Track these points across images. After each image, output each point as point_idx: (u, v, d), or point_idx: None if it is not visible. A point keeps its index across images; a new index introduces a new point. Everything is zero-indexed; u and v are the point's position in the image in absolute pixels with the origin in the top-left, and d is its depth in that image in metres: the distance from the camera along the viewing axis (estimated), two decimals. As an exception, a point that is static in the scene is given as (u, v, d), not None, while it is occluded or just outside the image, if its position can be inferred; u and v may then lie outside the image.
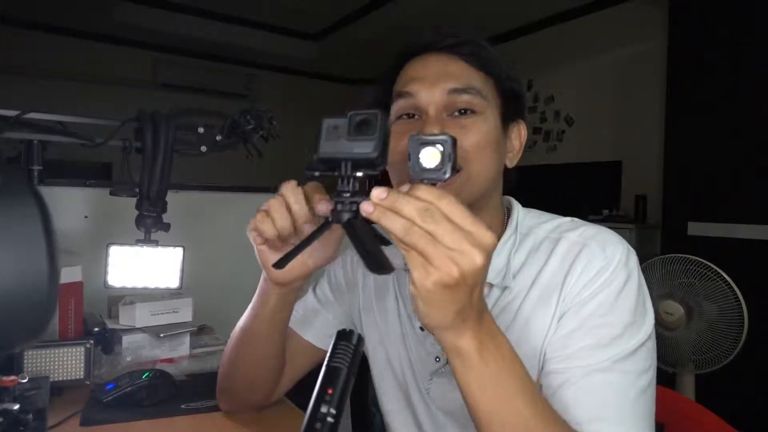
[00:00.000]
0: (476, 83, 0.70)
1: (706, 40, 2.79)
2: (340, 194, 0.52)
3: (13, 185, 0.30)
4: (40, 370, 0.94)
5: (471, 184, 0.69)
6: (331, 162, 0.52)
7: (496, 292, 0.72)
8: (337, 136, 0.52)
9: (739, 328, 1.92)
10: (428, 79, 0.70)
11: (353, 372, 0.46)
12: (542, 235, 0.74)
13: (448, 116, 0.69)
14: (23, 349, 0.90)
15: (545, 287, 0.69)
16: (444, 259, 0.47)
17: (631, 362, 0.63)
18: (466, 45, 0.71)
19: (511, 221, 0.76)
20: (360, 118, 0.51)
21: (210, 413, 0.93)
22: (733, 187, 2.67)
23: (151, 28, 4.55)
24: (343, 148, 0.51)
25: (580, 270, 0.67)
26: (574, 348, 0.65)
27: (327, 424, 0.42)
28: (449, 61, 0.71)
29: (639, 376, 0.64)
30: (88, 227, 1.53)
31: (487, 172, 0.70)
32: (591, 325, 0.65)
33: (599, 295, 0.66)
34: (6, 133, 0.91)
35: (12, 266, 0.28)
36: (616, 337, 0.64)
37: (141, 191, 0.95)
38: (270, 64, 5.60)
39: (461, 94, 0.69)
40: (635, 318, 0.65)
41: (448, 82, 0.69)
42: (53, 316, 0.33)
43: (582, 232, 0.71)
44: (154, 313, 1.20)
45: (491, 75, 0.72)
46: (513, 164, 0.77)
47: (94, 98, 4.55)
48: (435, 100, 0.69)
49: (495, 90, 0.72)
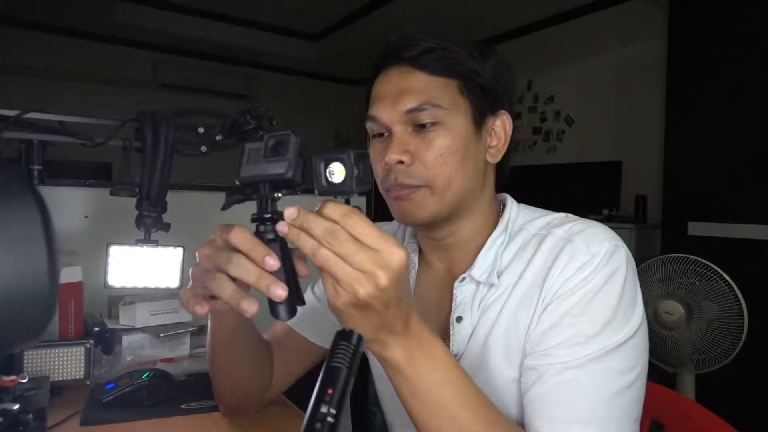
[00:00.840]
0: (434, 95, 0.70)
1: (706, 40, 2.79)
2: (261, 216, 0.53)
3: (14, 185, 0.30)
4: (40, 370, 0.94)
5: (438, 198, 0.70)
6: (252, 185, 0.53)
7: (483, 289, 0.73)
8: (257, 159, 0.53)
9: (739, 328, 1.92)
10: (388, 99, 0.71)
11: (353, 372, 0.46)
12: (532, 232, 0.74)
13: (412, 130, 0.71)
14: (23, 349, 0.90)
15: (529, 284, 0.69)
16: (349, 282, 0.48)
17: (611, 360, 0.62)
18: (425, 54, 0.71)
19: (502, 219, 0.77)
20: (274, 140, 0.52)
21: (210, 413, 0.93)
22: (733, 187, 2.67)
23: (151, 28, 4.54)
24: (260, 171, 0.52)
25: (562, 266, 0.67)
26: (549, 344, 0.64)
27: (327, 424, 0.42)
28: (408, 75, 0.71)
29: (619, 375, 0.62)
30: (88, 227, 1.53)
31: (455, 182, 0.71)
32: (568, 322, 0.64)
33: (579, 291, 0.65)
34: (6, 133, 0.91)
35: (12, 266, 0.28)
36: (593, 335, 0.63)
37: (141, 191, 0.95)
38: (270, 64, 5.60)
39: (418, 112, 0.69)
40: (616, 315, 0.64)
41: (405, 102, 0.70)
42: (53, 316, 0.33)
43: (569, 228, 0.71)
44: (154, 313, 1.20)
45: (455, 77, 0.71)
46: (497, 159, 0.76)
47: (94, 98, 4.55)
48: (395, 119, 0.71)
49: (461, 92, 0.72)
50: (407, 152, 0.70)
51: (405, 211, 0.72)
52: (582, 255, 0.66)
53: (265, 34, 4.96)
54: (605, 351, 0.62)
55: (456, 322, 0.73)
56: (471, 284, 0.74)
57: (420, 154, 0.70)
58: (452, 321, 0.74)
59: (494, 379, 0.69)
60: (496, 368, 0.69)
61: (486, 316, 0.71)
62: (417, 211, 0.71)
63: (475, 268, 0.73)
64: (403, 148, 0.70)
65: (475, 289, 0.73)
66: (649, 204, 3.44)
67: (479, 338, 0.71)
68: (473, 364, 0.71)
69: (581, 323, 0.64)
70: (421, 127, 0.70)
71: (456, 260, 0.78)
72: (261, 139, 0.54)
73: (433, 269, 0.81)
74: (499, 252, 0.73)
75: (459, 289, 0.74)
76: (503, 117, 0.76)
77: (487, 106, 0.74)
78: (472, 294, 0.73)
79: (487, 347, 0.70)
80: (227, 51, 5.16)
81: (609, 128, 3.91)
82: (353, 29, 4.70)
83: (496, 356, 0.69)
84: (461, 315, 0.73)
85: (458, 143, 0.70)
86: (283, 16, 4.63)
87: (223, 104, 5.09)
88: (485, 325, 0.71)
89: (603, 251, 0.66)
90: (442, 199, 0.71)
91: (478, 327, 0.72)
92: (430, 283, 0.81)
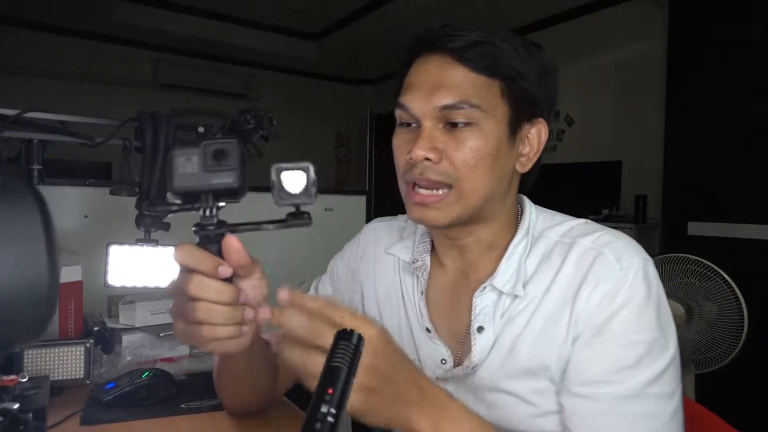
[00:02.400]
0: (473, 94, 0.66)
1: (706, 40, 2.79)
2: (204, 227, 0.52)
3: (13, 185, 0.30)
4: (40, 369, 0.94)
5: (463, 202, 0.68)
6: (190, 195, 0.51)
7: (506, 300, 0.70)
8: (193, 167, 0.50)
9: (739, 328, 1.91)
10: (423, 90, 0.68)
11: (353, 372, 0.46)
12: (554, 239, 0.71)
13: (443, 126, 0.67)
14: (23, 348, 0.90)
15: (558, 298, 0.67)
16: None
17: (660, 385, 0.61)
18: (470, 48, 0.67)
19: (522, 223, 0.74)
20: (215, 148, 0.50)
21: (210, 413, 0.93)
22: (733, 187, 2.67)
23: (151, 28, 4.54)
24: (202, 180, 0.50)
25: (594, 282, 0.64)
26: (597, 370, 0.62)
27: (327, 424, 0.42)
28: (449, 67, 0.67)
29: (669, 399, 0.62)
30: (88, 227, 1.53)
31: (481, 188, 0.68)
32: (616, 344, 0.62)
33: (621, 311, 0.62)
34: (6, 132, 0.91)
35: (12, 266, 0.28)
36: (642, 356, 0.61)
37: (141, 191, 0.95)
38: (270, 64, 5.60)
39: (453, 110, 0.66)
40: (660, 333, 0.63)
41: (442, 97, 0.66)
42: (53, 315, 0.33)
43: (596, 238, 0.68)
44: (154, 313, 1.20)
45: (498, 78, 0.67)
46: (526, 168, 0.73)
47: (94, 98, 4.54)
48: (428, 113, 0.67)
49: (502, 94, 0.68)
50: (435, 149, 0.66)
51: (422, 215, 0.69)
52: (614, 270, 0.64)
53: (265, 34, 4.96)
54: (656, 374, 0.61)
55: (477, 333, 0.70)
56: (492, 293, 0.71)
57: (449, 153, 0.66)
58: (473, 331, 0.71)
59: (515, 391, 0.68)
60: (518, 380, 0.68)
61: (510, 327, 0.69)
62: (436, 216, 0.68)
63: (497, 277, 0.70)
64: (432, 145, 0.66)
65: (497, 298, 0.70)
66: (649, 204, 3.44)
67: (502, 349, 0.69)
68: (492, 374, 0.69)
69: (629, 345, 0.62)
70: (454, 125, 0.67)
71: (471, 263, 0.75)
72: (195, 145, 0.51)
73: (446, 270, 0.78)
74: (522, 260, 0.70)
75: (479, 297, 0.71)
76: (540, 125, 0.72)
77: (526, 113, 0.70)
78: (494, 303, 0.70)
79: (511, 358, 0.68)
80: (227, 51, 5.16)
81: (609, 128, 3.91)
82: (353, 29, 4.69)
83: (520, 368, 0.68)
84: (482, 325, 0.70)
85: (490, 148, 0.67)
86: (283, 16, 4.63)
87: (223, 104, 5.08)
88: (509, 337, 0.69)
89: (635, 266, 0.64)
90: (466, 204, 0.68)
91: (502, 338, 0.69)
92: (443, 285, 0.78)
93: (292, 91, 5.77)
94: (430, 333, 0.75)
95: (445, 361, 0.74)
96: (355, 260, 0.89)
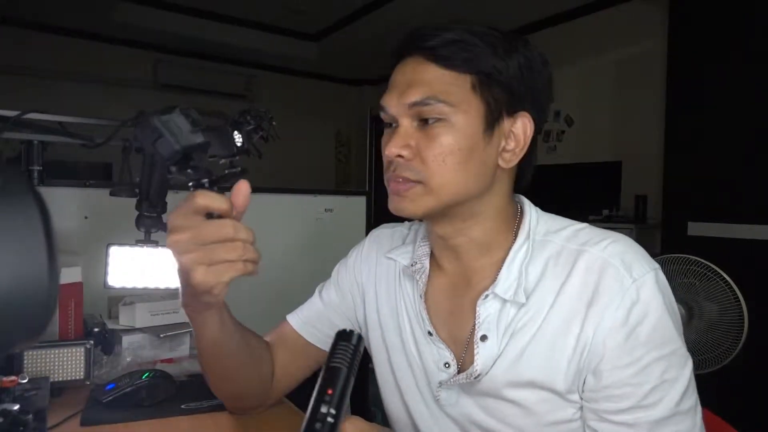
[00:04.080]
0: (441, 89, 0.66)
1: (706, 40, 2.79)
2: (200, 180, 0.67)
3: (13, 185, 0.30)
4: (40, 370, 0.94)
5: (433, 197, 0.68)
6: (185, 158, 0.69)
7: (511, 310, 0.69)
8: (180, 131, 0.69)
9: (739, 328, 1.91)
10: (397, 90, 0.70)
11: (353, 372, 0.46)
12: (559, 244, 0.70)
13: (417, 124, 0.69)
14: (23, 349, 0.90)
15: (567, 311, 0.66)
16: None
17: (688, 396, 0.63)
18: (444, 46, 0.67)
19: (522, 227, 0.72)
20: (192, 117, 0.71)
21: (210, 413, 0.93)
22: (733, 187, 2.67)
23: (151, 28, 4.54)
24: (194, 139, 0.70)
25: (606, 299, 0.63)
26: (628, 394, 0.63)
27: (327, 424, 0.42)
28: (422, 67, 0.68)
29: (696, 408, 0.64)
30: (88, 227, 1.53)
31: (453, 183, 0.68)
32: (640, 366, 0.62)
33: (638, 328, 0.63)
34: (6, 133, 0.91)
35: (12, 266, 0.28)
36: (666, 371, 0.62)
37: (141, 191, 0.94)
38: (270, 65, 5.60)
39: (421, 106, 0.67)
40: (680, 341, 0.64)
41: (410, 95, 0.68)
42: (53, 316, 0.33)
43: (605, 247, 0.67)
44: (154, 314, 1.20)
45: (470, 72, 0.67)
46: (510, 164, 0.71)
47: (94, 98, 4.54)
48: (402, 112, 0.69)
49: (474, 88, 0.67)
50: (408, 146, 0.68)
51: (398, 205, 0.70)
52: (626, 284, 0.63)
53: (265, 34, 4.96)
54: (682, 389, 0.63)
55: (480, 341, 0.70)
56: (495, 302, 0.70)
57: (421, 150, 0.68)
58: (476, 339, 0.70)
59: (518, 400, 0.68)
60: (523, 389, 0.67)
61: (517, 338, 0.68)
62: (409, 207, 0.69)
63: (498, 284, 0.69)
64: (404, 142, 0.68)
65: (501, 307, 0.69)
66: (649, 204, 3.44)
67: (507, 361, 0.68)
68: (496, 384, 0.69)
69: (653, 363, 0.62)
70: (425, 122, 0.68)
71: (470, 266, 0.74)
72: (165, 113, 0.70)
73: (446, 274, 0.77)
74: (523, 265, 0.69)
75: (482, 306, 0.70)
76: (524, 119, 0.70)
77: (504, 107, 0.69)
78: (497, 312, 0.69)
79: (516, 370, 0.68)
80: (227, 51, 5.16)
81: (609, 128, 3.91)
82: (353, 29, 4.70)
83: (525, 379, 0.67)
84: (486, 334, 0.69)
85: (461, 143, 0.67)
86: (283, 16, 4.63)
87: (223, 104, 5.08)
88: (516, 349, 0.68)
89: (647, 277, 0.64)
90: (437, 199, 0.68)
91: (507, 350, 0.68)
92: (443, 289, 0.77)
93: (292, 91, 5.77)
94: (431, 336, 0.75)
95: (448, 364, 0.73)
96: (358, 266, 0.90)
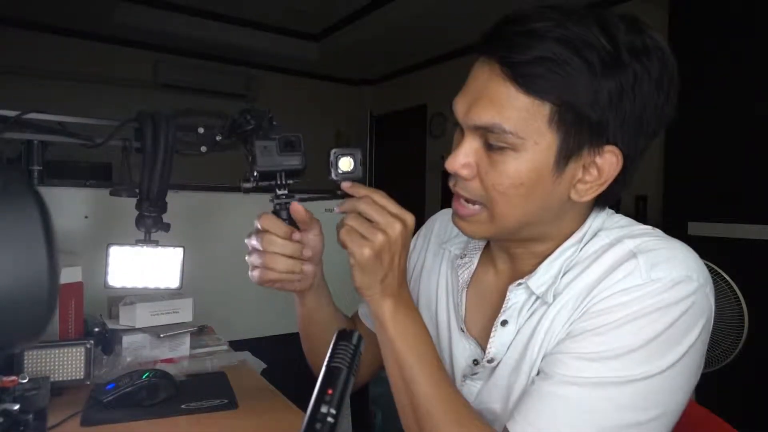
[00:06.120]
0: (511, 117, 0.58)
1: (706, 40, 2.79)
2: (279, 196, 0.72)
3: (14, 185, 0.30)
4: (40, 370, 0.94)
5: (497, 223, 0.65)
6: (267, 174, 0.71)
7: (536, 303, 0.67)
8: (269, 154, 0.71)
9: (739, 328, 1.92)
10: (467, 98, 0.62)
11: (353, 372, 0.46)
12: (606, 242, 0.66)
13: (483, 143, 0.62)
14: (23, 349, 0.90)
15: (574, 295, 0.64)
16: (380, 223, 0.63)
17: (619, 392, 0.57)
18: (528, 65, 0.57)
19: (581, 228, 0.68)
20: (286, 140, 0.72)
21: (210, 413, 0.93)
22: (733, 187, 2.67)
23: (151, 28, 4.54)
24: (276, 162, 0.71)
25: (612, 282, 0.60)
26: (563, 351, 0.61)
27: (327, 424, 0.42)
28: (496, 80, 0.59)
29: (623, 410, 0.57)
30: (88, 227, 1.53)
31: (514, 215, 0.64)
32: (591, 337, 0.59)
33: (617, 312, 0.58)
34: (6, 133, 0.91)
35: (12, 266, 0.28)
36: (609, 357, 0.58)
37: (141, 191, 0.95)
38: (270, 65, 5.59)
39: (486, 131, 0.61)
40: (645, 348, 0.57)
41: (477, 115, 0.61)
42: (53, 316, 0.33)
43: (641, 243, 0.62)
44: (154, 314, 1.20)
45: (552, 101, 0.57)
46: (585, 198, 0.64)
47: (94, 98, 4.54)
48: (467, 126, 0.64)
49: (550, 120, 0.58)
50: (468, 165, 0.63)
51: (458, 224, 0.69)
52: (637, 278, 0.59)
53: (265, 34, 4.96)
54: (614, 381, 0.57)
55: (501, 325, 0.69)
56: (525, 292, 0.68)
57: (482, 173, 0.63)
58: (496, 323, 0.69)
59: (524, 389, 0.67)
60: (525, 377, 0.66)
61: (527, 324, 0.67)
62: (468, 229, 0.68)
63: (534, 276, 0.67)
64: (465, 161, 0.63)
65: (527, 297, 0.68)
66: (649, 204, 3.44)
67: (518, 346, 0.68)
68: (509, 372, 0.68)
69: (602, 343, 0.58)
70: (490, 146, 0.61)
71: (521, 270, 0.72)
72: (269, 138, 0.71)
73: (497, 270, 0.76)
74: (563, 266, 0.66)
75: (513, 292, 0.69)
76: (610, 153, 0.61)
77: (586, 141, 0.60)
78: (524, 301, 0.68)
79: (522, 356, 0.67)
80: (227, 51, 5.16)
81: (609, 128, 3.91)
82: (353, 29, 4.69)
83: (528, 365, 0.66)
84: (507, 319, 0.69)
85: (525, 177, 0.60)
86: (284, 16, 4.63)
87: (223, 104, 5.08)
88: (525, 334, 0.67)
89: (666, 279, 0.58)
90: (497, 227, 0.65)
91: (519, 335, 0.68)
92: (488, 284, 0.76)
93: (292, 91, 5.76)
94: (463, 333, 0.75)
95: (477, 361, 0.73)
96: (412, 249, 0.91)
